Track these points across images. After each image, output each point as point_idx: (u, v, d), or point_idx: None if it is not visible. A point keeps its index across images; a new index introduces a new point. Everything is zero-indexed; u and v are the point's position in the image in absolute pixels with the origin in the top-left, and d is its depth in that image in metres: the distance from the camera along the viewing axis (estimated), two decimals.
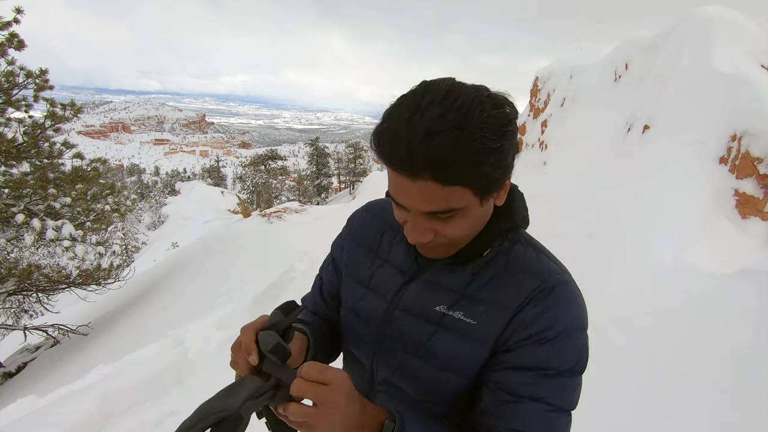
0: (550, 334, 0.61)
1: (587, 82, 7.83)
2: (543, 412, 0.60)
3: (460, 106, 0.53)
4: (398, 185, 0.58)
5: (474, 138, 0.53)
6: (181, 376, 2.90)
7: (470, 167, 0.54)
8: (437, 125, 0.52)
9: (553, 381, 0.61)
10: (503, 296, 0.65)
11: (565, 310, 0.64)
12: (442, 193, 0.55)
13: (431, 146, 0.52)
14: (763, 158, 3.86)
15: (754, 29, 5.21)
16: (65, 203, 7.27)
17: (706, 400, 2.23)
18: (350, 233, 0.88)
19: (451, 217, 0.59)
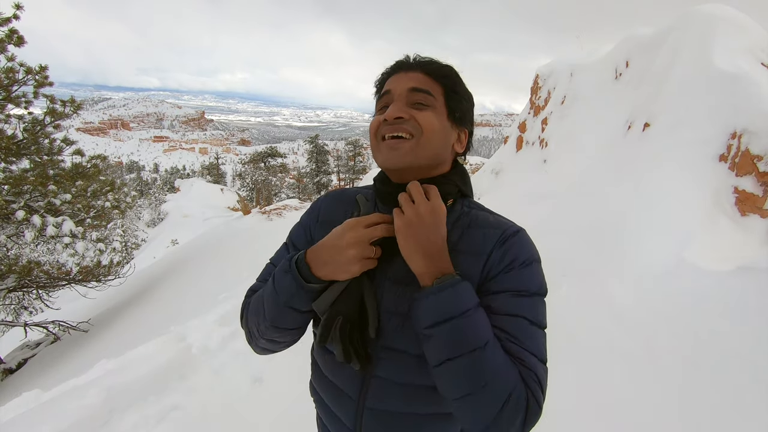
0: (517, 263, 0.76)
1: (588, 80, 7.83)
2: (525, 324, 0.72)
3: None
4: (393, 80, 0.83)
5: (452, 68, 0.84)
6: (184, 372, 2.92)
7: (446, 76, 0.83)
8: (430, 58, 0.85)
9: (529, 301, 0.74)
10: (474, 247, 0.78)
11: (524, 247, 0.78)
12: (425, 79, 0.81)
13: (424, 59, 0.84)
14: (762, 156, 3.87)
15: (755, 27, 5.21)
16: (65, 200, 7.27)
17: (706, 398, 2.25)
18: (318, 218, 0.94)
19: (424, 106, 0.79)
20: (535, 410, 0.67)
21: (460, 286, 0.68)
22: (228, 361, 3.14)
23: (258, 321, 0.82)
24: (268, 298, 0.79)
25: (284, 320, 0.78)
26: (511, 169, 9.22)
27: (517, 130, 10.10)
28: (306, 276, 0.75)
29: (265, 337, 0.83)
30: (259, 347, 0.89)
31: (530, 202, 6.24)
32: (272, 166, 25.64)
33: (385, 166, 0.81)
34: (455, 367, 0.65)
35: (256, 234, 10.70)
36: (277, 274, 0.79)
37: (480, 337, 0.66)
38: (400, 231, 0.72)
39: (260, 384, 2.96)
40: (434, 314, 0.67)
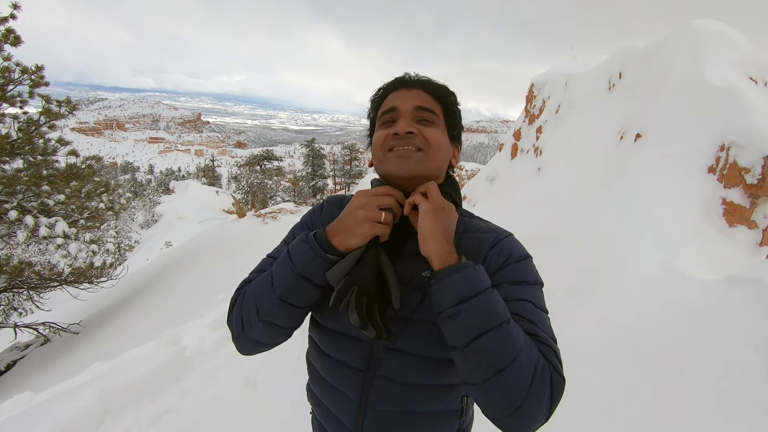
0: (513, 259, 0.82)
1: (582, 89, 7.95)
2: (531, 307, 0.77)
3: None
4: (396, 96, 0.88)
5: (448, 87, 0.91)
6: (178, 375, 2.92)
7: (445, 95, 0.89)
8: (427, 77, 0.91)
9: (529, 289, 0.79)
10: (471, 250, 0.83)
11: (516, 246, 0.85)
12: (428, 98, 0.87)
13: (424, 78, 0.90)
14: (750, 168, 3.96)
15: (744, 43, 5.34)
16: (59, 200, 7.23)
17: (693, 405, 2.29)
18: (318, 223, 0.96)
19: (430, 123, 0.85)
20: (558, 381, 0.69)
21: (478, 267, 0.72)
22: (222, 364, 3.15)
23: (259, 302, 0.80)
24: (280, 270, 0.79)
25: (295, 293, 0.78)
26: (506, 176, 9.30)
27: (512, 138, 10.20)
28: (323, 245, 0.77)
29: (266, 318, 0.80)
30: (250, 339, 0.84)
31: (525, 209, 6.30)
32: (268, 169, 25.59)
33: (396, 174, 0.83)
34: (487, 342, 0.65)
35: (250, 237, 10.68)
36: (293, 246, 0.80)
37: (503, 312, 0.69)
38: (430, 211, 0.75)
39: (254, 387, 2.97)
40: (461, 291, 0.68)
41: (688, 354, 2.54)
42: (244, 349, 0.87)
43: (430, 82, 0.90)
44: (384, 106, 0.90)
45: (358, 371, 0.84)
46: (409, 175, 0.82)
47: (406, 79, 0.91)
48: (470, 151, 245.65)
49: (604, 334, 3.03)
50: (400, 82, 0.91)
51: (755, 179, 3.94)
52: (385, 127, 0.87)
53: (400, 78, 0.91)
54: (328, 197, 1.02)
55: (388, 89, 0.92)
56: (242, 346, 0.86)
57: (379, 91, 0.94)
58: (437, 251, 0.73)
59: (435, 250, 0.73)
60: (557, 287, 3.80)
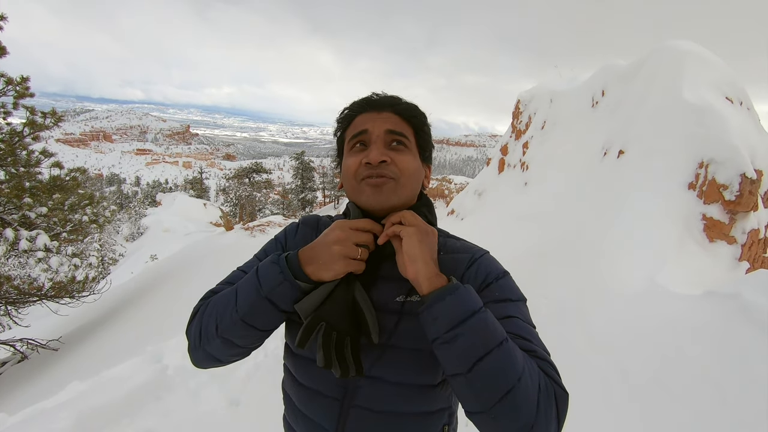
0: (491, 278, 0.81)
1: (566, 106, 8.14)
2: (521, 323, 0.75)
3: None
4: (366, 119, 0.84)
5: (417, 107, 0.88)
6: (160, 393, 2.85)
7: (415, 116, 0.87)
8: (396, 96, 0.88)
9: (515, 305, 0.78)
10: (447, 272, 0.78)
11: (492, 264, 0.84)
12: (398, 121, 0.85)
13: (393, 98, 0.87)
14: (727, 185, 4.08)
15: (719, 64, 5.54)
16: (41, 213, 7.09)
17: (674, 419, 2.31)
18: (292, 245, 0.94)
19: (402, 149, 0.83)
20: (562, 396, 0.67)
21: (469, 287, 0.69)
22: (205, 383, 3.08)
23: (220, 317, 0.77)
24: (246, 289, 0.76)
25: (258, 315, 0.75)
26: (494, 190, 9.41)
27: (499, 153, 10.36)
28: (295, 272, 0.75)
29: (224, 335, 0.76)
30: (205, 353, 0.80)
31: (512, 224, 6.37)
32: (257, 181, 25.50)
33: (370, 207, 0.82)
34: (491, 363, 0.62)
35: (238, 250, 10.56)
36: (262, 266, 0.77)
37: (501, 330, 0.66)
38: (414, 234, 0.73)
39: (237, 407, 2.91)
40: (458, 311, 0.65)
41: (671, 369, 2.57)
42: (198, 362, 0.84)
43: (399, 102, 0.87)
44: (353, 128, 0.86)
45: (334, 400, 0.81)
46: (383, 207, 0.81)
47: (374, 99, 0.87)
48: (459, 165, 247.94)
49: (590, 349, 3.05)
50: (368, 103, 0.87)
51: (733, 195, 4.06)
52: (355, 152, 0.84)
53: (368, 99, 0.87)
54: (303, 218, 1.00)
55: (356, 110, 0.87)
56: (197, 358, 0.83)
57: (346, 111, 0.89)
58: (426, 273, 0.70)
59: (424, 272, 0.70)
60: (543, 302, 3.83)
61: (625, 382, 2.64)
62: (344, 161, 0.86)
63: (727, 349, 2.44)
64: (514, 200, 7.69)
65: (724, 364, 2.38)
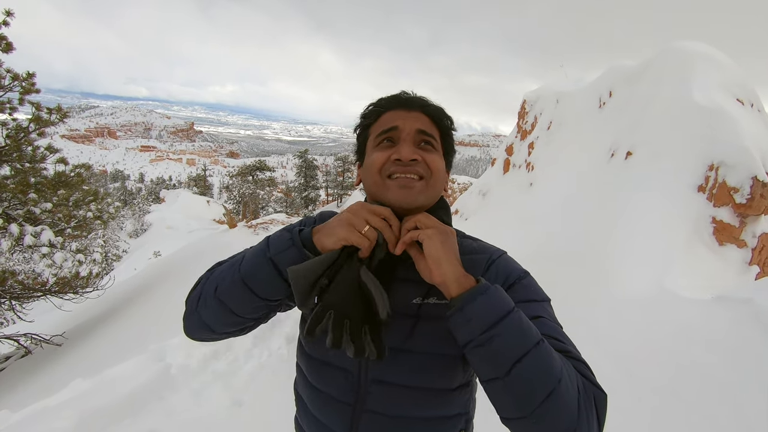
0: (513, 278, 0.79)
1: (573, 107, 8.07)
2: (550, 323, 0.73)
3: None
4: (395, 117, 0.83)
5: (445, 111, 0.87)
6: (163, 393, 2.83)
7: (443, 119, 0.86)
8: (425, 97, 0.87)
9: (540, 305, 0.76)
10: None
11: (512, 264, 0.83)
12: (428, 122, 0.84)
13: (423, 99, 0.86)
14: (738, 188, 4.02)
15: (729, 64, 5.47)
16: (46, 209, 7.10)
17: (686, 427, 2.27)
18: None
19: (431, 149, 0.82)
20: (600, 396, 0.65)
21: (498, 286, 0.67)
22: (208, 383, 3.06)
23: (223, 278, 0.76)
24: (254, 252, 0.76)
25: (258, 277, 0.72)
26: (498, 190, 9.36)
27: (504, 153, 10.30)
28: (305, 240, 0.74)
29: (221, 296, 0.75)
30: (199, 319, 0.78)
31: (517, 225, 6.32)
32: (260, 179, 25.51)
33: (398, 205, 0.78)
34: (530, 364, 0.60)
35: (240, 248, 10.42)
36: (276, 233, 0.77)
37: (536, 330, 0.64)
38: (436, 236, 0.70)
39: (240, 407, 2.89)
40: (492, 311, 0.62)
41: (683, 377, 2.52)
42: (191, 330, 0.81)
43: (429, 104, 0.85)
44: (381, 124, 0.83)
45: (346, 405, 0.79)
46: (411, 206, 0.78)
47: (404, 97, 0.85)
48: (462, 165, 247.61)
49: (598, 355, 3.01)
50: (398, 100, 0.85)
51: (744, 199, 4.00)
52: (383, 148, 0.81)
53: (397, 96, 0.86)
54: (322, 211, 0.96)
55: (384, 107, 0.85)
56: (190, 325, 0.81)
57: (372, 107, 0.87)
58: (453, 274, 0.67)
59: (451, 273, 0.67)
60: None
61: (635, 388, 2.60)
62: (369, 156, 0.84)
63: (740, 356, 2.39)
64: (519, 201, 7.64)
65: (736, 371, 2.33)
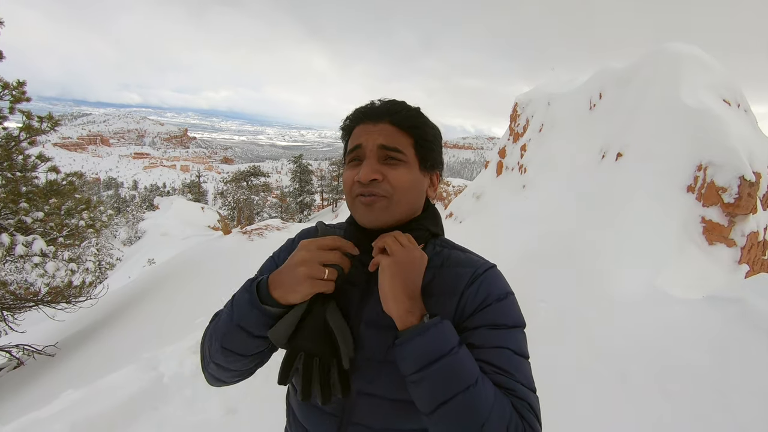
0: (491, 299, 0.77)
1: (564, 109, 8.14)
2: (509, 354, 0.72)
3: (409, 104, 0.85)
4: (361, 132, 0.81)
5: (420, 114, 0.84)
6: (155, 403, 2.81)
7: (414, 126, 0.82)
8: (397, 103, 0.84)
9: (508, 333, 0.74)
10: (447, 287, 0.79)
11: (496, 283, 0.80)
12: (395, 133, 0.80)
13: (392, 106, 0.82)
14: (726, 188, 4.07)
15: (716, 66, 5.55)
16: (37, 218, 7.04)
17: (676, 425, 2.28)
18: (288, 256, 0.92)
19: (397, 164, 0.79)
20: None
21: (442, 325, 0.68)
22: (202, 391, 3.04)
23: (211, 343, 0.79)
24: (224, 318, 0.77)
25: (233, 341, 0.75)
26: (492, 193, 9.40)
27: (497, 156, 10.35)
28: (263, 297, 0.73)
29: (214, 360, 0.79)
30: (208, 373, 0.84)
31: (511, 227, 6.34)
32: (255, 185, 25.45)
33: (362, 224, 0.81)
34: (452, 409, 0.63)
35: (236, 254, 10.50)
36: (237, 294, 0.78)
37: (470, 373, 0.65)
38: (387, 269, 0.71)
39: (234, 415, 2.87)
40: (423, 356, 0.65)
41: (674, 376, 2.54)
42: (208, 381, 0.87)
43: (398, 111, 0.82)
44: (351, 140, 0.84)
45: (332, 416, 0.80)
46: (375, 225, 0.80)
47: (372, 109, 0.83)
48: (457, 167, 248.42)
49: (590, 355, 3.03)
50: (365, 113, 0.83)
51: (732, 198, 4.05)
52: (351, 167, 0.82)
53: (365, 109, 0.84)
54: (300, 233, 0.96)
55: (353, 121, 0.85)
56: (206, 378, 0.86)
57: (346, 120, 0.87)
58: (396, 311, 0.70)
59: (395, 310, 0.70)
60: (541, 306, 3.80)
61: (627, 387, 2.61)
62: (343, 175, 0.86)
63: (729, 354, 2.42)
64: (513, 203, 7.68)
65: (727, 370, 2.35)
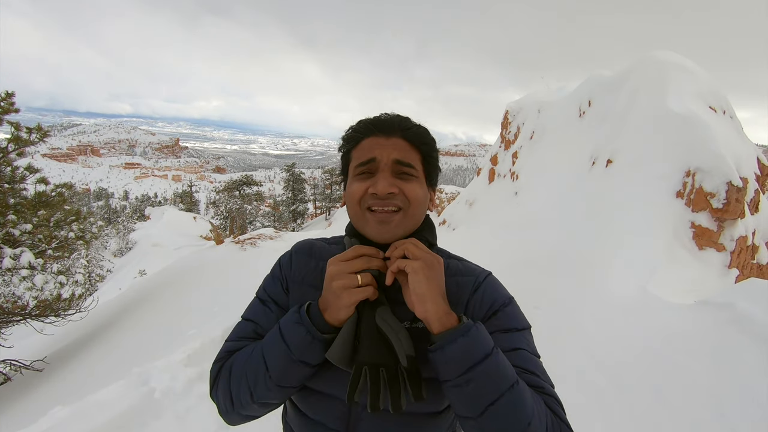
0: (498, 305, 0.80)
1: (554, 116, 8.24)
2: (527, 355, 0.75)
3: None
4: (373, 145, 0.80)
5: (428, 131, 0.85)
6: (146, 419, 2.75)
7: (425, 143, 0.83)
8: (405, 118, 0.85)
9: (520, 336, 0.77)
10: (452, 296, 0.79)
11: (498, 290, 0.83)
12: (407, 148, 0.81)
13: (402, 121, 0.83)
14: (715, 193, 4.13)
15: (701, 73, 5.66)
16: (26, 230, 6.94)
17: (670, 430, 2.29)
18: (290, 277, 0.90)
19: (409, 178, 0.80)
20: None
21: (479, 324, 0.68)
22: (193, 405, 2.99)
23: (255, 384, 0.75)
24: (274, 354, 0.73)
25: (293, 377, 0.73)
26: (485, 200, 9.45)
27: (489, 163, 10.43)
28: (318, 324, 0.73)
29: (261, 401, 0.75)
30: (241, 416, 0.80)
31: (503, 233, 6.37)
32: (247, 194, 25.34)
33: (375, 239, 0.80)
34: (501, 409, 0.62)
35: (228, 264, 10.43)
36: (286, 328, 0.74)
37: (512, 371, 0.66)
38: (421, 271, 0.69)
39: (227, 429, 2.82)
40: (469, 357, 0.64)
41: (667, 380, 2.55)
42: (233, 423, 0.83)
43: (408, 127, 0.83)
44: (360, 152, 0.82)
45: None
46: (389, 241, 0.79)
47: (383, 121, 0.82)
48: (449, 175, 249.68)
49: (585, 359, 3.03)
50: (376, 125, 0.82)
51: (720, 203, 4.10)
52: (362, 179, 0.80)
53: (376, 121, 0.83)
54: (295, 246, 0.95)
55: (363, 132, 0.83)
56: (232, 420, 0.82)
57: (352, 131, 0.85)
58: (436, 313, 0.68)
59: (433, 312, 0.68)
60: (535, 312, 3.80)
61: (622, 394, 2.61)
62: (349, 185, 0.83)
63: (722, 360, 2.43)
64: (505, 210, 7.72)
65: (720, 376, 2.37)
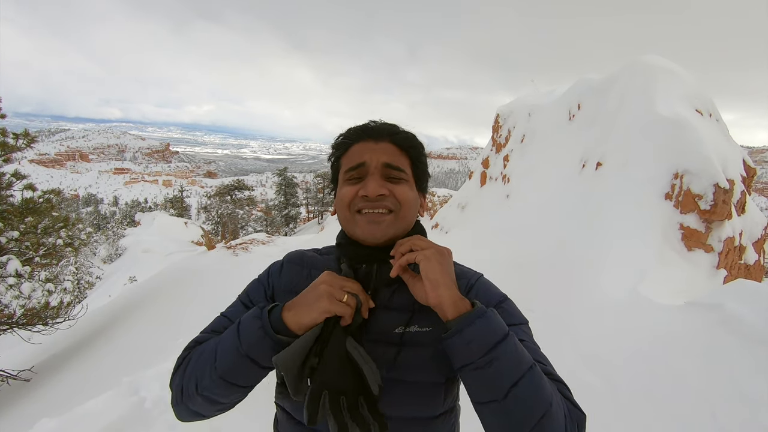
0: (494, 302, 0.81)
1: (544, 120, 8.32)
2: (533, 347, 0.75)
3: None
4: (363, 150, 0.82)
5: (416, 137, 0.87)
6: (136, 429, 2.71)
7: (413, 146, 0.85)
8: (393, 124, 0.86)
9: (521, 329, 0.78)
10: None
11: (491, 289, 0.85)
12: (396, 152, 0.83)
13: (391, 127, 0.85)
14: (702, 195, 4.19)
15: (687, 77, 5.76)
16: (12, 237, 6.83)
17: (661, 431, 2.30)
18: (277, 285, 0.90)
19: (399, 181, 0.81)
20: (581, 418, 0.68)
21: (493, 309, 0.68)
22: None
23: (202, 374, 0.73)
24: (226, 346, 0.72)
25: (238, 373, 0.71)
26: (477, 203, 9.49)
27: (480, 166, 10.49)
28: (275, 323, 0.70)
29: (205, 393, 0.72)
30: (188, 410, 0.76)
31: (495, 236, 6.40)
32: (239, 198, 25.18)
33: (366, 240, 0.80)
34: (526, 387, 0.62)
35: (220, 270, 10.34)
36: (244, 320, 0.73)
37: (528, 354, 0.66)
38: (433, 257, 0.70)
39: None
40: (489, 336, 0.64)
41: (658, 381, 2.57)
42: (181, 416, 0.79)
43: (397, 132, 0.85)
44: (349, 158, 0.83)
45: None
46: (380, 241, 0.79)
47: (372, 128, 0.85)
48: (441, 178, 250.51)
49: (577, 360, 3.05)
50: (365, 131, 0.84)
51: (708, 205, 4.17)
52: (352, 183, 0.81)
53: (365, 127, 0.85)
54: (287, 255, 0.95)
55: (353, 138, 0.84)
56: (180, 413, 0.78)
57: (342, 138, 0.86)
58: (450, 297, 0.68)
59: (448, 297, 0.68)
60: (528, 315, 3.81)
61: (613, 394, 2.63)
62: (339, 190, 0.84)
63: (712, 361, 2.46)
64: (497, 213, 7.76)
65: (709, 377, 2.39)
